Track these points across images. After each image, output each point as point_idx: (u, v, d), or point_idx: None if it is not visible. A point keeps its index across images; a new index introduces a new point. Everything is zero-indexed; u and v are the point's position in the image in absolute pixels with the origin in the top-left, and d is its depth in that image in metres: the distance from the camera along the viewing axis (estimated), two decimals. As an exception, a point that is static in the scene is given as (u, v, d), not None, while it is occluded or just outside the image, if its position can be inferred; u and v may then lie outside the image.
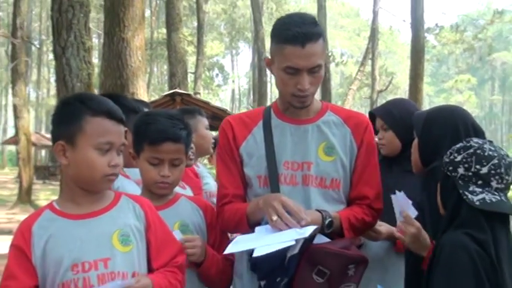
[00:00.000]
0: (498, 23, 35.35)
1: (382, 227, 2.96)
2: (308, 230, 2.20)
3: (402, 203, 2.57)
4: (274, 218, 2.22)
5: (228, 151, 2.55)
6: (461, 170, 2.28)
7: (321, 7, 27.43)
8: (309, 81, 2.39)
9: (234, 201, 2.52)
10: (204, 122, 4.20)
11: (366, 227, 2.61)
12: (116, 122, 2.19)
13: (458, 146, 2.37)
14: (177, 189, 2.79)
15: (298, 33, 2.34)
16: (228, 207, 2.51)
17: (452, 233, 2.23)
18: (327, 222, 2.33)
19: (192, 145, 2.99)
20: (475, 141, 2.36)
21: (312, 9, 45.22)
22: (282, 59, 2.38)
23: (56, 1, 9.45)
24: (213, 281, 2.57)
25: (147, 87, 24.85)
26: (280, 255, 2.20)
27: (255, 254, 2.18)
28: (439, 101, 67.31)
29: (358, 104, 56.49)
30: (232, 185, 2.54)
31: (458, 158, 2.31)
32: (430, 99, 69.72)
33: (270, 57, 2.51)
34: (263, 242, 2.22)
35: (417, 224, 2.51)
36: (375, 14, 32.14)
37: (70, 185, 2.24)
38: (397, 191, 2.60)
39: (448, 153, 2.37)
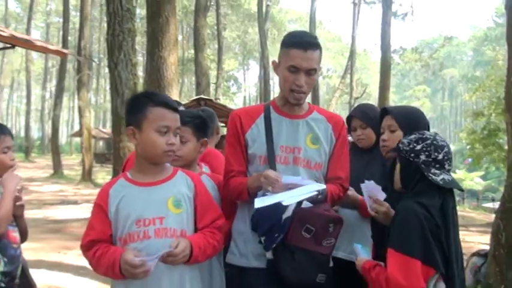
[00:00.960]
0: (448, 46, 35.30)
1: (350, 191, 2.93)
2: (323, 185, 2.34)
3: (372, 189, 2.56)
4: (270, 188, 2.27)
5: (236, 136, 2.54)
6: (423, 157, 2.26)
7: (312, 32, 27.45)
8: (305, 80, 2.42)
9: (238, 176, 2.52)
10: None
11: (338, 200, 2.63)
12: (171, 111, 2.22)
13: (414, 137, 2.34)
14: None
15: (303, 40, 2.41)
16: (232, 180, 2.51)
17: (406, 201, 2.25)
18: (321, 190, 2.35)
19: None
20: (428, 133, 2.35)
21: (305, 35, 45.07)
22: (287, 59, 2.41)
23: (110, 28, 9.53)
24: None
25: (179, 94, 24.74)
26: (277, 216, 2.25)
27: (285, 203, 2.19)
28: (402, 106, 67.30)
29: (340, 107, 56.19)
30: (237, 162, 2.54)
31: (418, 147, 2.28)
32: (395, 105, 69.59)
33: (277, 61, 2.53)
34: (287, 196, 2.22)
35: (386, 204, 2.51)
36: (353, 39, 32.09)
37: (139, 160, 2.30)
38: (366, 181, 2.60)
39: (406, 142, 2.33)
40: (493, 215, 7.79)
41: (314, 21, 29.68)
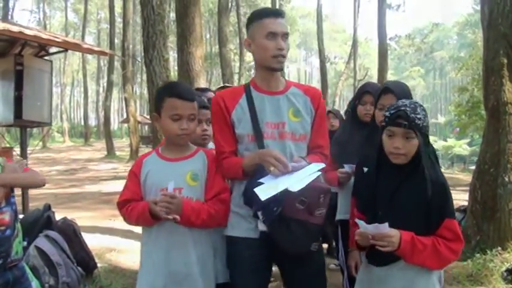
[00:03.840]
0: (436, 31, 34.71)
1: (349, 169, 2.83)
2: (322, 164, 2.12)
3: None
4: (272, 168, 2.03)
5: (222, 117, 2.26)
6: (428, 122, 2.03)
7: (319, 26, 27.63)
8: (284, 45, 2.21)
9: (230, 156, 2.26)
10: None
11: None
12: (183, 100, 2.18)
13: (422, 109, 2.01)
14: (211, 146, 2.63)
15: (272, 10, 2.31)
16: (226, 160, 2.25)
17: (440, 173, 2.03)
18: (322, 168, 2.12)
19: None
20: (413, 101, 2.08)
21: (313, 28, 44.56)
22: (263, 30, 2.19)
23: (144, 30, 9.54)
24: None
25: (209, 83, 24.56)
26: None
27: (293, 190, 1.94)
28: (400, 86, 66.66)
29: (346, 89, 55.48)
30: (227, 143, 2.26)
31: (428, 119, 2.02)
32: (393, 84, 68.41)
33: (249, 39, 2.29)
34: (290, 182, 1.97)
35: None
36: (355, 29, 31.54)
37: (166, 139, 2.33)
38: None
39: (422, 118, 1.97)
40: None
41: (321, 15, 29.38)
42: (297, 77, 74.93)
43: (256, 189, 2.00)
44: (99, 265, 4.55)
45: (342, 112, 6.00)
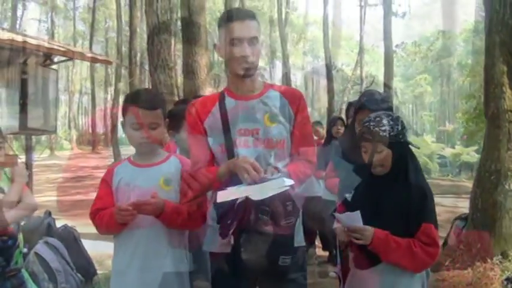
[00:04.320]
0: (442, 38, 34.83)
1: None
2: (291, 180, 1.87)
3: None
4: (246, 175, 1.87)
5: (196, 126, 2.14)
6: (406, 132, 2.10)
7: (326, 33, 27.73)
8: (250, 51, 2.05)
9: (205, 166, 2.11)
10: None
11: (307, 178, 2.20)
12: (143, 109, 2.14)
13: (391, 119, 2.09)
14: None
15: (239, 12, 2.15)
16: (201, 171, 2.09)
17: (422, 179, 2.11)
18: (291, 184, 1.89)
19: None
20: (386, 112, 2.20)
21: (320, 36, 44.62)
22: (228, 35, 2.05)
23: (149, 39, 9.67)
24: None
25: (216, 90, 24.66)
26: (231, 201, 1.86)
27: (254, 198, 1.81)
28: (408, 92, 66.51)
29: (353, 96, 55.51)
30: (201, 153, 2.13)
31: (400, 127, 2.08)
32: (402, 91, 68.18)
33: (218, 45, 2.16)
34: (253, 190, 1.83)
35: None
36: (361, 37, 31.71)
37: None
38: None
39: (388, 129, 2.05)
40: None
41: (327, 23, 29.49)
42: (304, 84, 75.05)
43: (218, 192, 1.90)
44: (99, 271, 4.58)
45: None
